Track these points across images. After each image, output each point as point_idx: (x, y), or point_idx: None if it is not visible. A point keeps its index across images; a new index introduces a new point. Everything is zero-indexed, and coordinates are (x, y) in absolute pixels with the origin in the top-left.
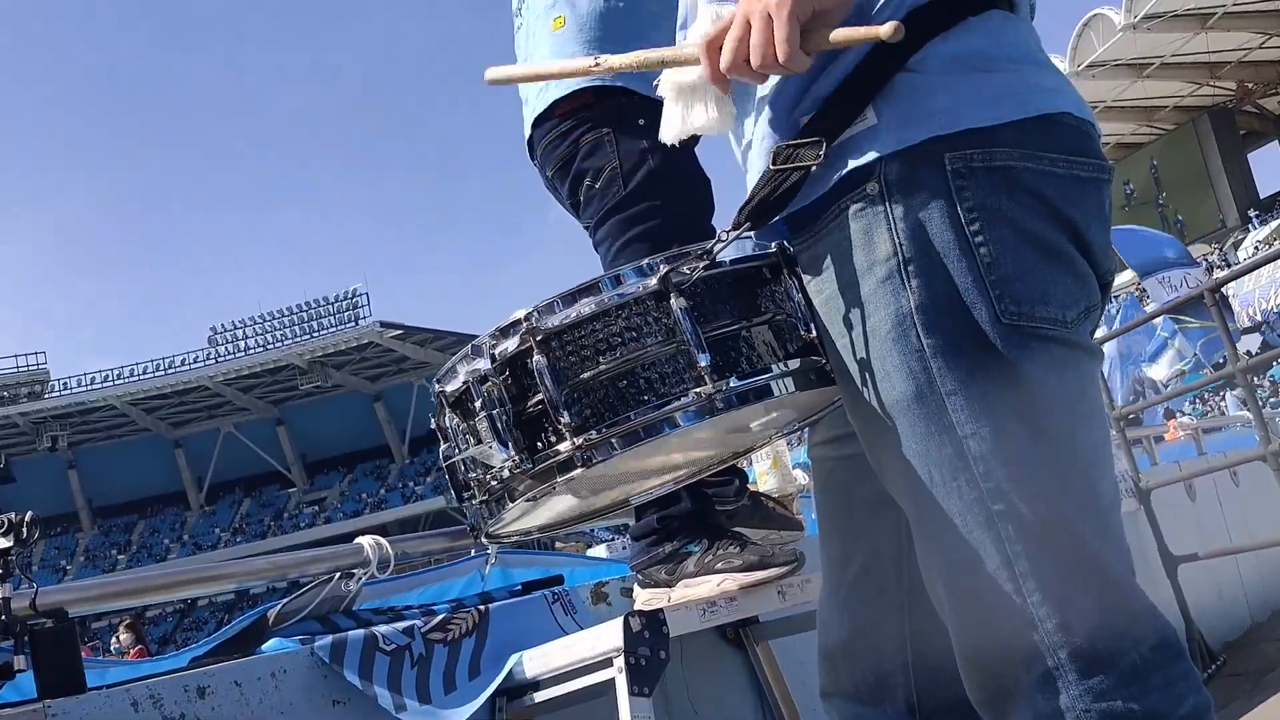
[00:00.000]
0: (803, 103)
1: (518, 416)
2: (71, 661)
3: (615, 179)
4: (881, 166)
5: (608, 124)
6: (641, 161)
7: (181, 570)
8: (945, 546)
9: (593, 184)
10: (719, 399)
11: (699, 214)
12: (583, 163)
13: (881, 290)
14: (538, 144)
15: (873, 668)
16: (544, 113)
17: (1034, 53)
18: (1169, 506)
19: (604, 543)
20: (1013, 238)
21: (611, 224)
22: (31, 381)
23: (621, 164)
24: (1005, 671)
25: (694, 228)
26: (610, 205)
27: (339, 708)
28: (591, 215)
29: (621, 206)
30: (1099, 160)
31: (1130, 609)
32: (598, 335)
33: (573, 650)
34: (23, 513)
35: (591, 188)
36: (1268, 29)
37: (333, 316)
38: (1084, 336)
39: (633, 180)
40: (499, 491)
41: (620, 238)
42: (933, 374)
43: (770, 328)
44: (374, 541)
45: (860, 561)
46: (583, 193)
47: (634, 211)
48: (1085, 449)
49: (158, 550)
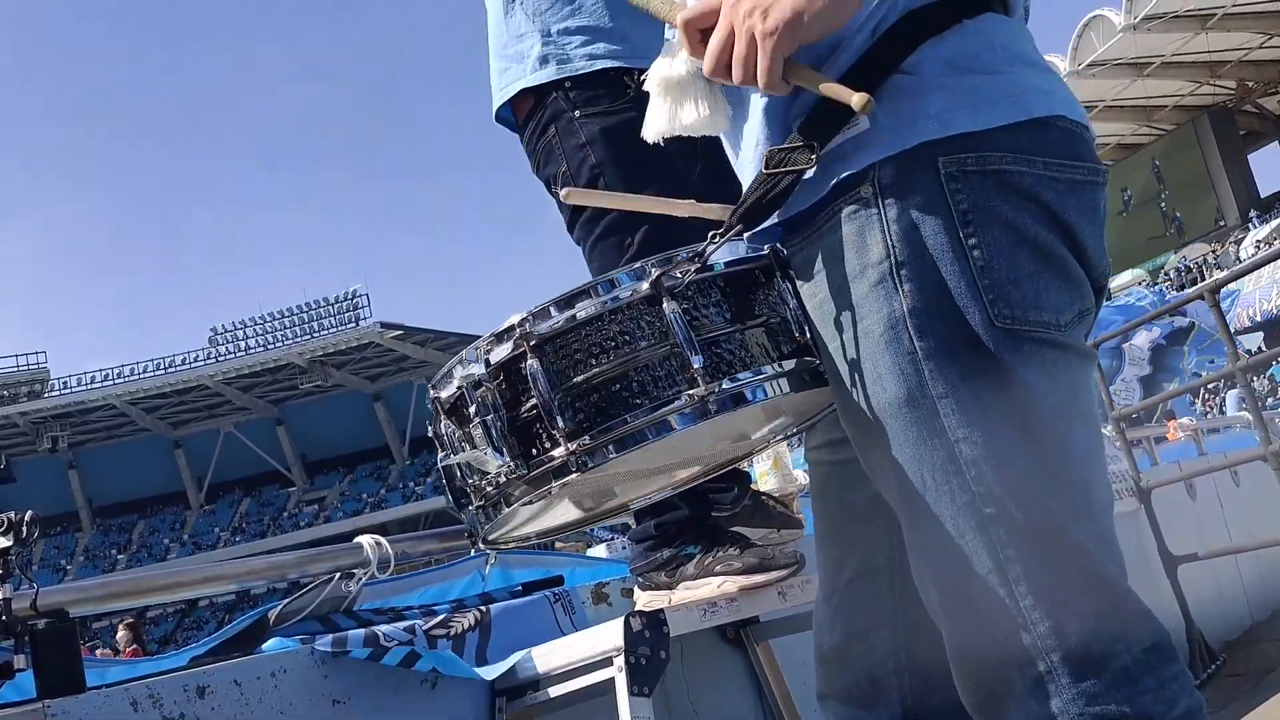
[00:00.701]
0: (795, 106)
1: (512, 422)
2: (71, 661)
3: (568, 182)
4: (875, 170)
5: (552, 124)
6: (583, 159)
7: (181, 570)
8: (937, 550)
9: (555, 192)
10: (712, 401)
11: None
12: (544, 170)
13: (874, 293)
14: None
15: (866, 671)
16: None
17: (1028, 55)
18: (1169, 506)
19: (604, 543)
20: (1006, 241)
21: (579, 228)
22: (31, 381)
23: (568, 166)
24: (998, 675)
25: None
26: (572, 209)
27: (339, 707)
28: (566, 224)
29: (579, 208)
30: (1093, 163)
31: (1122, 612)
32: (591, 339)
33: (573, 650)
34: (23, 513)
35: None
36: (1268, 29)
37: (333, 317)
38: (1077, 340)
39: (580, 179)
40: (495, 497)
41: (588, 239)
42: (925, 377)
43: (764, 330)
44: (374, 541)
45: (854, 566)
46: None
47: (590, 209)
48: (1078, 452)
49: (158, 550)
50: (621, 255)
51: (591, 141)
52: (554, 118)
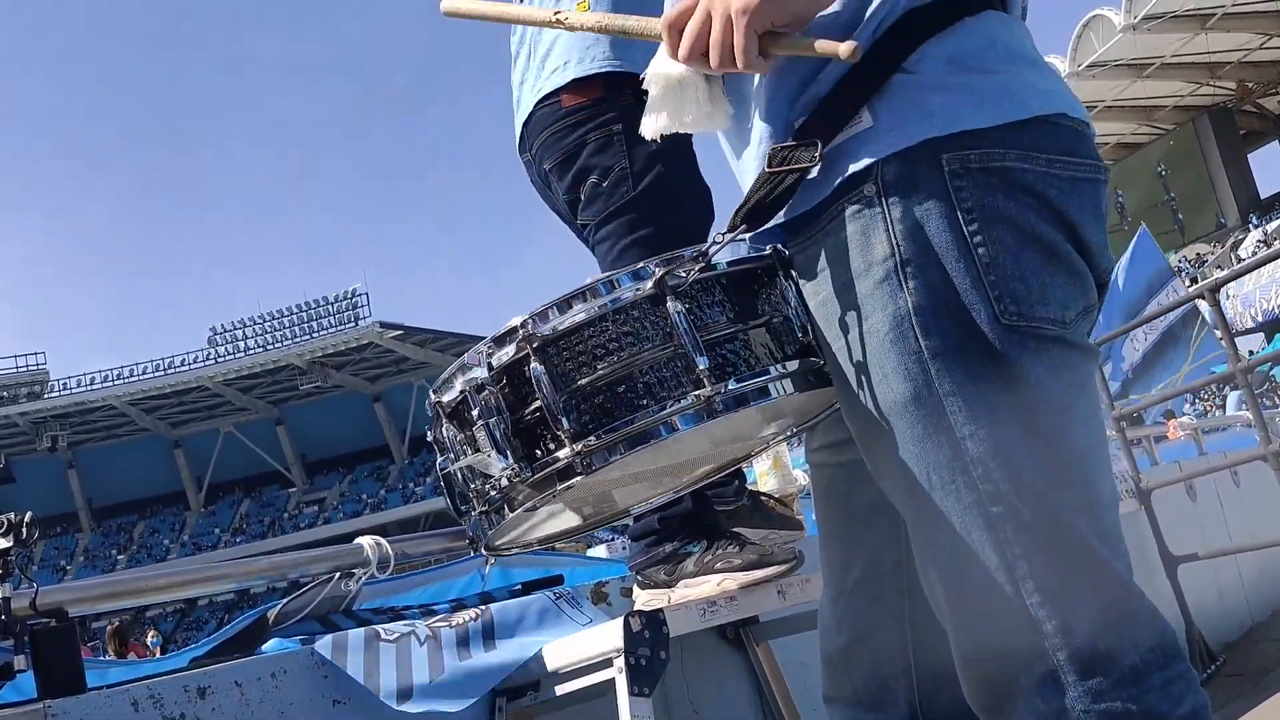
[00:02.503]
0: (797, 105)
1: (516, 424)
2: (71, 661)
3: (624, 179)
4: (878, 168)
5: (619, 121)
6: (651, 165)
7: (181, 570)
8: (943, 549)
9: (599, 182)
10: (718, 401)
11: (699, 226)
12: (589, 159)
13: (879, 291)
14: (537, 134)
15: (874, 673)
16: (548, 98)
17: (1029, 53)
18: (1169, 506)
19: (604, 543)
20: (1011, 238)
21: (616, 224)
22: (31, 381)
23: (631, 165)
24: (1004, 673)
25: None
26: (616, 206)
27: (339, 708)
28: (595, 214)
29: (628, 208)
30: (1095, 161)
31: (1129, 610)
32: (595, 340)
33: (573, 650)
34: (23, 513)
35: (598, 185)
36: (1268, 29)
37: (332, 317)
38: (1082, 337)
39: (642, 183)
40: (498, 501)
41: (623, 239)
42: (931, 375)
43: (767, 330)
44: (374, 541)
45: (860, 568)
46: (585, 190)
47: (639, 215)
48: (1083, 449)
49: (158, 550)
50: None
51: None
52: (626, 117)
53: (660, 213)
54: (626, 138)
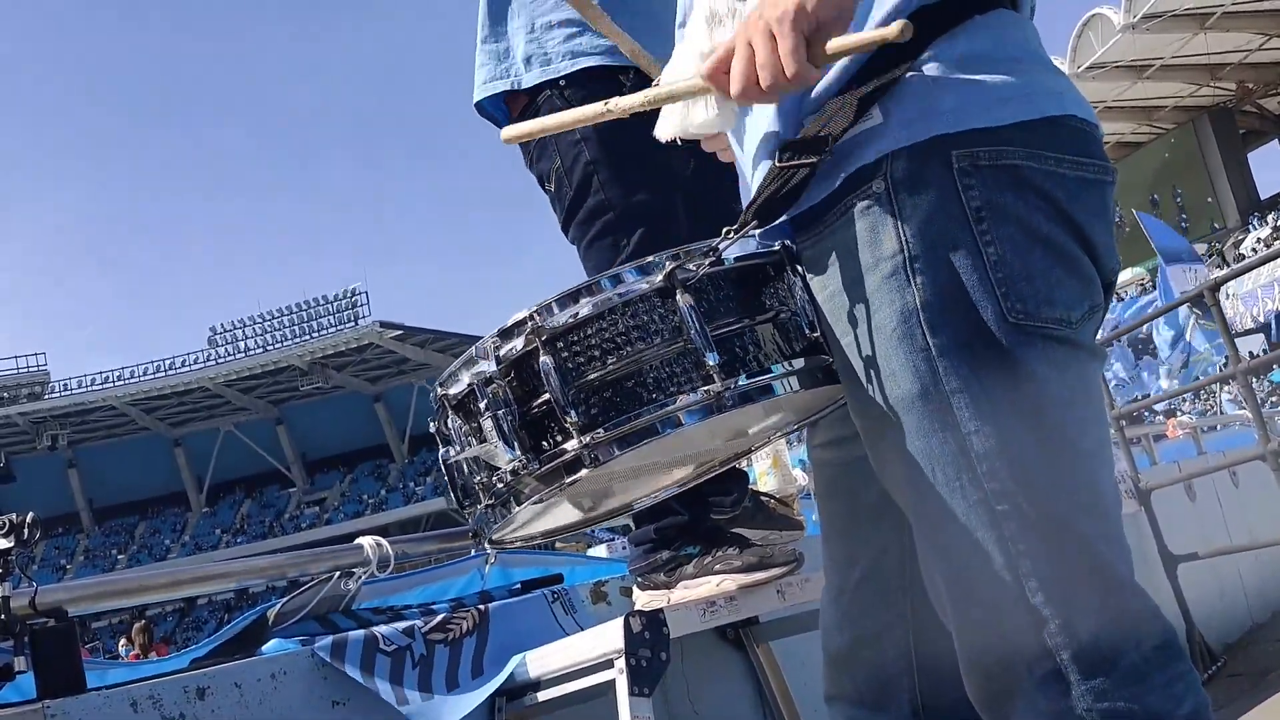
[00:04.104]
0: (807, 102)
1: (523, 417)
2: (71, 661)
3: (562, 180)
4: (888, 164)
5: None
6: (577, 154)
7: (181, 570)
8: (947, 546)
9: (548, 189)
10: (727, 397)
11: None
12: (537, 166)
13: (886, 287)
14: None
15: (876, 672)
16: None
17: (1038, 53)
18: (1169, 506)
19: (604, 542)
20: (1019, 236)
21: (574, 229)
22: (31, 382)
23: (562, 162)
24: (1007, 672)
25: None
26: (566, 208)
27: (339, 708)
28: (561, 223)
29: (575, 207)
30: (1103, 162)
31: (1132, 609)
32: (604, 334)
33: (573, 651)
34: (23, 513)
35: (550, 194)
36: (1268, 29)
37: (332, 316)
38: (1087, 337)
39: (574, 176)
40: (505, 494)
41: (584, 239)
42: (938, 372)
43: (774, 325)
44: (374, 541)
45: (863, 566)
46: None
47: (587, 209)
48: (1088, 449)
49: (158, 550)
50: (617, 255)
51: (585, 139)
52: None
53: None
54: (554, 135)
